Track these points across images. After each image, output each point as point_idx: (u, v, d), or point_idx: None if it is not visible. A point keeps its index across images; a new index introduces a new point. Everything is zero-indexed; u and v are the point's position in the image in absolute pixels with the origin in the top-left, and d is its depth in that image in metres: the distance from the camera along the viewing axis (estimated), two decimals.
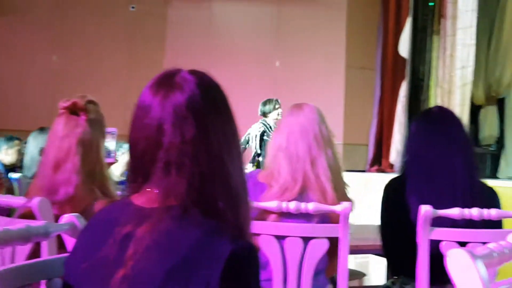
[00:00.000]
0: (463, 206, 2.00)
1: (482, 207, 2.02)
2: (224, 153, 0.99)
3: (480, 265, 0.99)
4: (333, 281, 2.58)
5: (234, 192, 1.00)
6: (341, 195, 2.07)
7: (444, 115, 2.30)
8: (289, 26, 7.66)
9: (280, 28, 7.74)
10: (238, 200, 1.00)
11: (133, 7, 7.96)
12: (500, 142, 7.18)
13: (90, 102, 1.78)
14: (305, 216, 1.98)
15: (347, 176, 6.39)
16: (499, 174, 6.94)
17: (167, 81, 1.02)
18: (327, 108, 7.35)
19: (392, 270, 2.29)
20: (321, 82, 7.45)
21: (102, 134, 1.79)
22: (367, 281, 3.71)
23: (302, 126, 2.10)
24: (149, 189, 1.00)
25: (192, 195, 0.96)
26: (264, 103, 5.42)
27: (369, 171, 7.31)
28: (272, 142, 2.18)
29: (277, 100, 5.45)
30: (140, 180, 1.01)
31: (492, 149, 7.24)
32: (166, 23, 7.94)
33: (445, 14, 6.84)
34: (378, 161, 7.30)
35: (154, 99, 1.00)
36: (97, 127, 1.76)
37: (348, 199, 2.07)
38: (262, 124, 5.29)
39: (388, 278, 2.56)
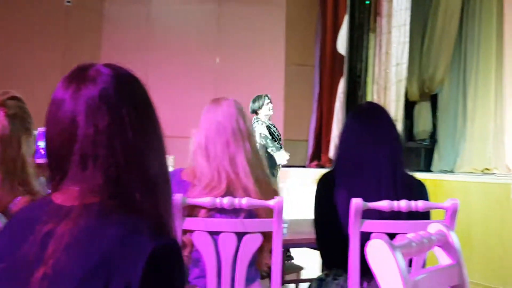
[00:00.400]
0: (387, 199, 2.06)
1: (410, 199, 2.09)
2: (141, 144, 0.98)
3: (399, 254, 1.02)
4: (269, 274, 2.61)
5: (152, 183, 0.98)
6: (265, 189, 2.05)
7: (373, 110, 2.35)
8: (229, 23, 7.66)
9: (220, 25, 7.72)
10: (156, 192, 0.99)
11: (68, 1, 7.73)
12: (433, 136, 7.44)
13: (13, 98, 1.72)
14: (234, 212, 1.98)
15: (288, 172, 6.44)
16: (432, 168, 7.19)
17: (79, 75, 1.01)
18: None
19: (325, 263, 2.34)
20: (261, 79, 7.49)
21: (25, 130, 1.73)
22: (306, 274, 3.76)
23: (218, 123, 2.08)
24: (68, 187, 0.97)
25: (110, 188, 0.95)
26: (254, 100, 5.35)
27: (309, 166, 7.42)
28: (192, 140, 2.15)
29: (266, 96, 5.37)
30: (59, 177, 0.99)
31: (426, 143, 7.49)
32: (102, 18, 7.77)
33: (381, 13, 7.02)
34: (318, 157, 7.42)
35: (66, 93, 0.98)
36: (19, 123, 1.70)
37: (273, 191, 2.07)
38: (256, 122, 5.20)
39: (322, 271, 2.61)
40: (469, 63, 7.02)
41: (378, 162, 2.15)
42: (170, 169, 2.00)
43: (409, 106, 7.39)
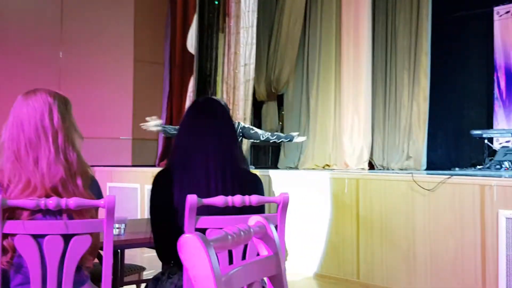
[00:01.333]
0: (216, 194, 2.08)
1: (243, 193, 2.13)
2: None
3: (211, 249, 1.03)
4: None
5: None
6: (71, 190, 1.92)
7: (206, 104, 2.34)
8: (74, 17, 7.30)
9: (64, 18, 7.34)
10: None
11: None
12: None
13: None
14: (58, 213, 1.88)
15: (137, 172, 6.26)
16: (279, 165, 7.50)
17: None
18: (116, 102, 7.27)
19: (162, 262, 2.31)
20: (109, 75, 7.26)
21: None
22: (149, 275, 3.70)
23: (21, 120, 1.92)
24: None
25: None
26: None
27: (158, 165, 7.34)
28: (1, 137, 1.95)
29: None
30: None
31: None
32: None
33: (230, 13, 7.15)
34: (168, 156, 7.36)
35: None
36: None
37: (81, 194, 1.93)
38: None
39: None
40: (311, 65, 7.42)
41: (206, 156, 2.15)
42: None
43: (257, 106, 7.64)
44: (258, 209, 2.25)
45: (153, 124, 4.99)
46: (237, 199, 2.10)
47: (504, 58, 6.79)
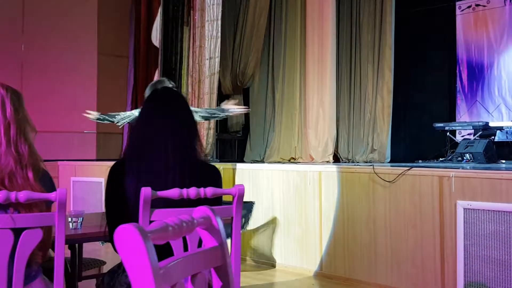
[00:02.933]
0: (173, 186, 2.07)
1: (200, 186, 2.12)
2: None
3: (148, 240, 1.01)
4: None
5: None
6: (38, 174, 1.93)
7: (165, 95, 2.32)
8: (36, 9, 7.16)
9: (25, 10, 7.18)
10: None
11: None
12: (245, 129, 7.76)
13: None
14: (3, 207, 1.85)
15: (102, 166, 6.16)
16: (245, 158, 7.51)
17: None
18: (80, 95, 7.17)
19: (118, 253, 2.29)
20: (72, 69, 7.15)
21: None
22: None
23: None
24: None
25: None
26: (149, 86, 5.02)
27: None
28: None
29: (164, 80, 5.02)
30: None
31: (239, 135, 7.79)
32: None
33: (195, 7, 7.10)
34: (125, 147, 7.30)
35: None
36: None
37: (31, 186, 1.90)
38: None
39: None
40: (276, 59, 7.44)
41: (165, 147, 2.13)
42: None
43: (223, 99, 7.62)
44: (215, 201, 2.25)
45: (95, 114, 5.08)
46: (192, 192, 2.10)
47: (466, 52, 6.92)
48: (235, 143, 7.85)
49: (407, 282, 4.04)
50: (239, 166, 5.54)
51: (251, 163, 6.92)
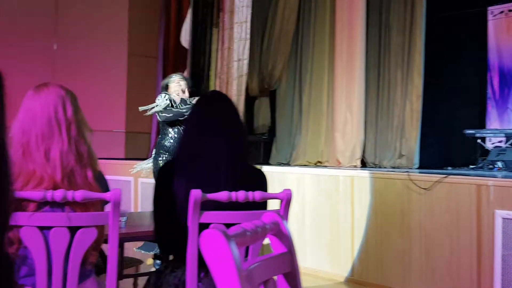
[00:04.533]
0: (225, 189, 2.08)
1: (248, 190, 2.12)
2: None
3: (233, 244, 1.02)
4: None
5: None
6: (81, 183, 1.92)
7: (216, 100, 2.33)
8: (69, 9, 7.25)
9: (58, 10, 7.27)
10: None
11: None
12: (272, 131, 7.75)
13: None
14: (61, 206, 1.87)
15: (131, 165, 6.19)
16: (271, 160, 7.49)
17: None
18: (110, 95, 7.23)
19: (163, 253, 2.30)
20: (103, 69, 7.22)
21: None
22: (145, 268, 3.70)
23: (34, 113, 1.91)
24: None
25: None
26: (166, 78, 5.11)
27: None
28: (11, 130, 1.94)
29: (177, 74, 5.12)
30: None
31: (265, 137, 7.78)
32: None
33: (224, 8, 7.13)
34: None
35: None
36: None
37: (89, 186, 1.93)
38: (165, 95, 4.86)
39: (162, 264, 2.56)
40: (304, 61, 7.42)
41: (218, 152, 2.15)
42: None
43: (250, 101, 7.63)
44: (262, 205, 2.25)
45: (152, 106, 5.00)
46: (240, 195, 2.10)
47: (497, 58, 6.84)
48: (261, 145, 7.84)
49: None
50: (266, 168, 5.52)
51: (277, 165, 6.92)
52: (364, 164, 6.89)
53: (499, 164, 5.40)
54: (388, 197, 4.39)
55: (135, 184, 6.16)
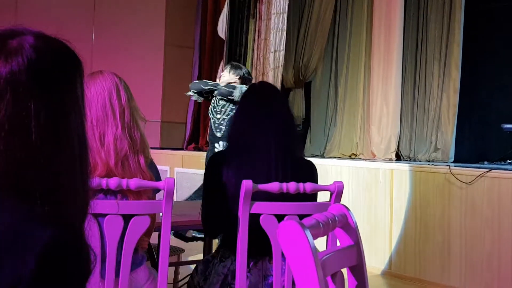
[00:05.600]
0: (276, 180, 2.07)
1: (299, 181, 2.12)
2: (45, 138, 0.85)
3: (309, 234, 1.02)
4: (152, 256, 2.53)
5: (55, 180, 0.87)
6: (134, 169, 1.94)
7: (265, 91, 2.34)
8: (106, 1, 7.32)
9: (96, 2, 7.35)
10: (59, 188, 0.88)
11: None
12: (306, 123, 7.72)
13: None
14: (114, 193, 1.89)
15: (167, 154, 6.28)
16: (305, 152, 7.45)
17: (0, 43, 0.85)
18: (146, 85, 7.29)
19: (208, 236, 2.30)
20: (140, 59, 7.28)
21: None
22: (185, 257, 3.72)
23: (89, 99, 1.93)
24: None
25: (5, 180, 0.83)
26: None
27: (186, 149, 7.35)
28: None
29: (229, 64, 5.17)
30: None
31: (299, 129, 7.74)
32: None
33: None
34: (195, 139, 7.38)
35: None
36: None
37: (141, 172, 1.95)
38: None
39: (204, 254, 2.58)
40: (340, 53, 7.35)
41: (268, 144, 2.15)
42: None
43: (285, 92, 7.59)
44: (312, 197, 2.24)
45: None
46: (291, 186, 2.10)
47: None
48: None
49: (481, 286, 3.94)
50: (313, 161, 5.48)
51: (311, 157, 6.89)
52: (398, 157, 6.82)
53: None
54: (428, 190, 4.34)
55: (170, 173, 6.21)
